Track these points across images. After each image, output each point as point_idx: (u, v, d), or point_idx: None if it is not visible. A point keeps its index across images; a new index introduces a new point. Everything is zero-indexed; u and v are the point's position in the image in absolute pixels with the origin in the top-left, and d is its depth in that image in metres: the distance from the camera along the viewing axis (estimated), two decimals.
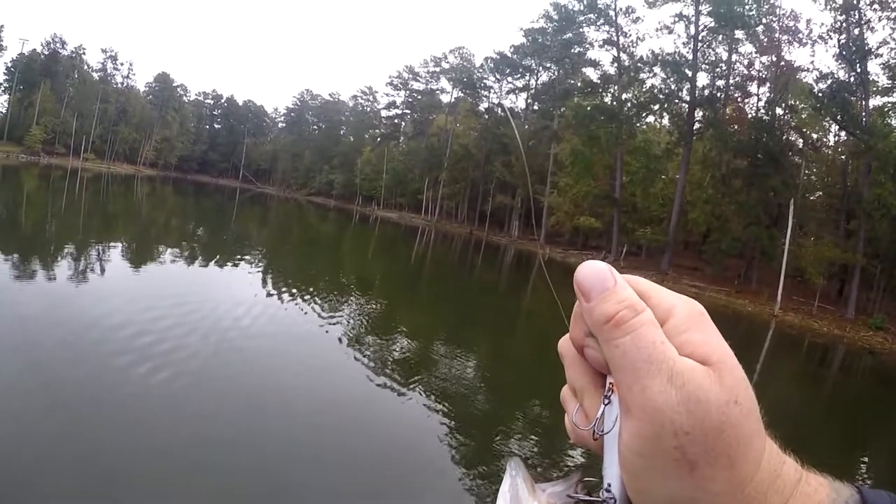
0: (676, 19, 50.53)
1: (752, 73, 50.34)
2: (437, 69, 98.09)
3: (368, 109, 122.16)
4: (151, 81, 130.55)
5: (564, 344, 0.60)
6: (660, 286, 0.57)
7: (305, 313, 15.73)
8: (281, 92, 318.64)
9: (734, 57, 50.13)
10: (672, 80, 51.15)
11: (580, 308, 0.56)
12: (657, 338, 0.51)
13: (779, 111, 46.70)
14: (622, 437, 0.50)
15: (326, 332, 14.15)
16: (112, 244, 23.37)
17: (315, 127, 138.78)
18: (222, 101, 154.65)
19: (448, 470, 7.96)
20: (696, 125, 49.77)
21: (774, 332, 30.85)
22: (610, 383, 0.47)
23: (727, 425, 0.48)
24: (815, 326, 33.32)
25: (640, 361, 0.50)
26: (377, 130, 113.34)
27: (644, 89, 54.78)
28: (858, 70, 37.66)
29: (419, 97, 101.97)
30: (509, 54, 78.07)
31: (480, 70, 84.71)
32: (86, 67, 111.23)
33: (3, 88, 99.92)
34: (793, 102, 46.59)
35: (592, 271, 0.55)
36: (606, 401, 0.50)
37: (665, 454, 0.47)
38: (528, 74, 78.22)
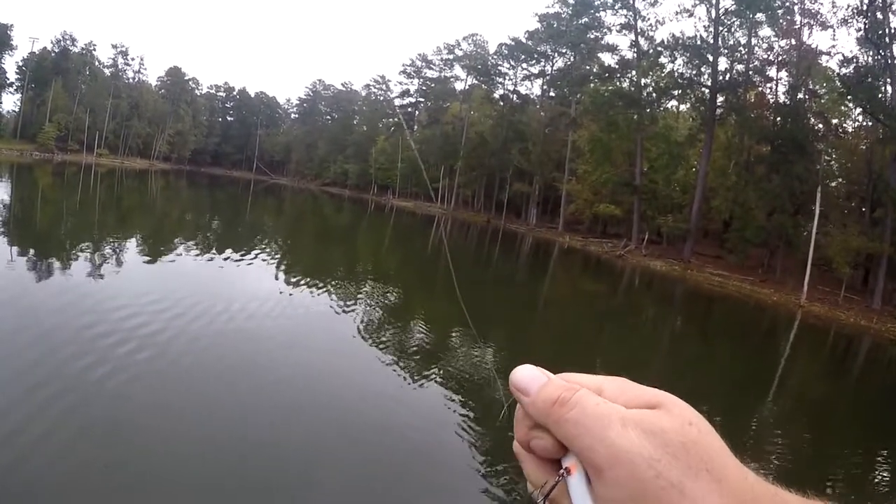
0: (697, 2, 49.70)
1: (772, 57, 49.45)
2: (451, 56, 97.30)
3: (382, 98, 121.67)
4: (163, 75, 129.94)
5: (516, 447, 0.64)
6: (585, 374, 0.62)
7: (321, 304, 15.91)
8: (293, 83, 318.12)
9: (753, 41, 49.27)
10: (693, 64, 50.30)
11: (521, 410, 0.62)
12: (599, 400, 0.57)
13: (799, 96, 45.73)
14: (602, 497, 0.53)
15: (342, 322, 14.37)
16: (131, 238, 23.51)
17: (328, 117, 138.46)
18: (234, 93, 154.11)
19: (464, 463, 7.93)
20: (718, 110, 48.97)
21: (801, 323, 30.57)
22: (565, 467, 0.50)
23: (690, 443, 0.52)
24: (841, 317, 32.90)
25: (592, 423, 0.54)
26: (391, 119, 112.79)
27: (664, 74, 53.93)
28: (883, 54, 36.72)
29: (433, 85, 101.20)
30: (524, 40, 77.05)
31: (495, 57, 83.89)
32: (97, 63, 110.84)
33: (15, 87, 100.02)
34: (815, 87, 45.76)
35: (526, 372, 0.62)
36: (560, 478, 0.52)
37: (649, 486, 0.50)
38: (543, 60, 77.13)
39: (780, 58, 48.74)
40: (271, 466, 6.93)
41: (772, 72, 50.44)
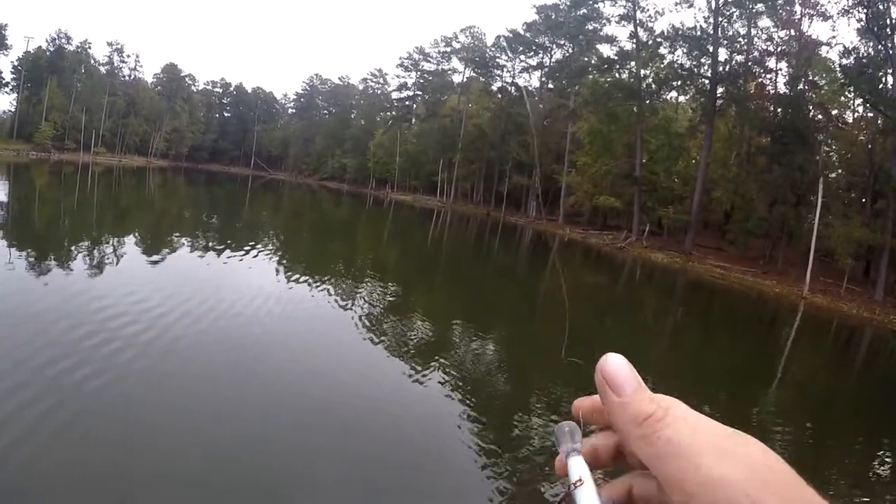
0: None
1: (771, 48, 49.16)
2: (448, 49, 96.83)
3: (379, 92, 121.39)
4: (159, 72, 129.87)
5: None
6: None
7: (321, 299, 15.86)
8: (290, 77, 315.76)
9: (753, 31, 48.98)
10: (693, 55, 49.99)
11: (606, 405, 0.60)
12: (691, 422, 0.56)
13: (799, 87, 45.47)
14: None
15: (341, 317, 14.35)
16: (129, 237, 23.32)
17: (325, 111, 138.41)
18: (231, 89, 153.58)
19: (467, 454, 7.87)
20: (718, 102, 48.72)
21: (803, 315, 30.45)
22: (578, 478, 0.49)
23: (777, 470, 0.52)
24: (843, 309, 32.74)
25: (685, 446, 0.54)
26: (389, 113, 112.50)
27: (663, 65, 53.68)
28: (884, 45, 36.50)
29: (430, 78, 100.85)
30: (522, 32, 76.64)
31: (492, 49, 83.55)
32: (92, 62, 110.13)
33: (10, 87, 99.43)
34: (815, 78, 45.51)
35: (622, 366, 0.59)
36: (574, 487, 0.52)
37: None
38: (541, 52, 76.82)
39: (779, 48, 48.51)
40: (266, 463, 6.82)
41: (771, 62, 50.23)
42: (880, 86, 36.89)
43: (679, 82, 52.51)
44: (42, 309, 11.00)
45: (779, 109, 45.11)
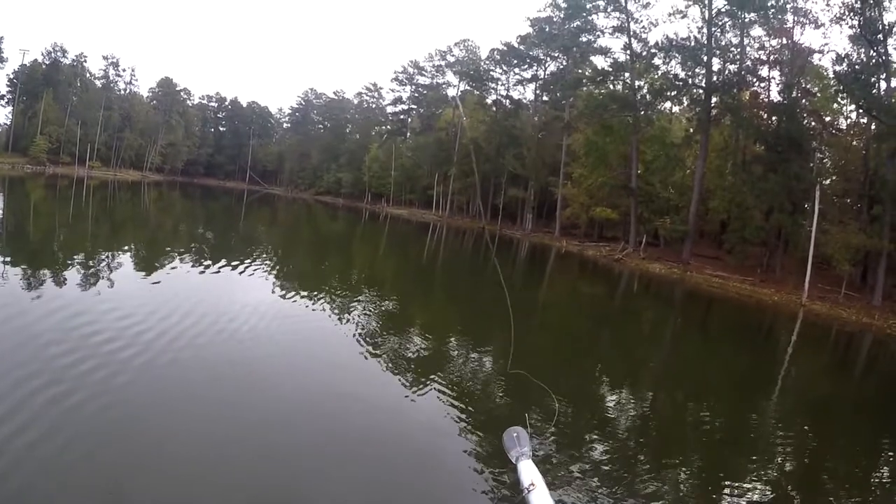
0: (690, 3, 49.49)
1: (764, 56, 49.40)
2: (443, 63, 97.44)
3: (374, 106, 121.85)
4: (154, 86, 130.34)
5: None
6: None
7: (316, 312, 15.78)
8: (285, 92, 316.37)
9: (745, 41, 49.26)
10: (687, 65, 50.16)
11: None
12: None
13: (793, 94, 45.62)
14: None
15: (336, 333, 14.04)
16: (123, 251, 22.87)
17: (321, 126, 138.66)
18: (226, 103, 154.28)
19: (463, 472, 7.71)
20: (713, 111, 48.86)
21: (803, 322, 30.38)
22: (530, 482, 0.50)
23: None
24: (843, 315, 32.60)
25: None
26: (384, 127, 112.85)
27: (658, 76, 53.84)
28: (877, 51, 36.65)
29: (425, 92, 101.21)
30: (516, 45, 77.22)
31: (487, 62, 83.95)
32: (88, 75, 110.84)
33: (6, 100, 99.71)
34: (808, 86, 45.69)
35: None
36: (527, 491, 0.52)
37: None
38: (535, 65, 77.25)
39: (772, 57, 48.73)
40: (264, 483, 6.63)
41: (764, 71, 50.43)
42: (874, 91, 37.01)
43: (674, 92, 52.66)
44: (30, 327, 10.72)
45: (773, 118, 45.26)
